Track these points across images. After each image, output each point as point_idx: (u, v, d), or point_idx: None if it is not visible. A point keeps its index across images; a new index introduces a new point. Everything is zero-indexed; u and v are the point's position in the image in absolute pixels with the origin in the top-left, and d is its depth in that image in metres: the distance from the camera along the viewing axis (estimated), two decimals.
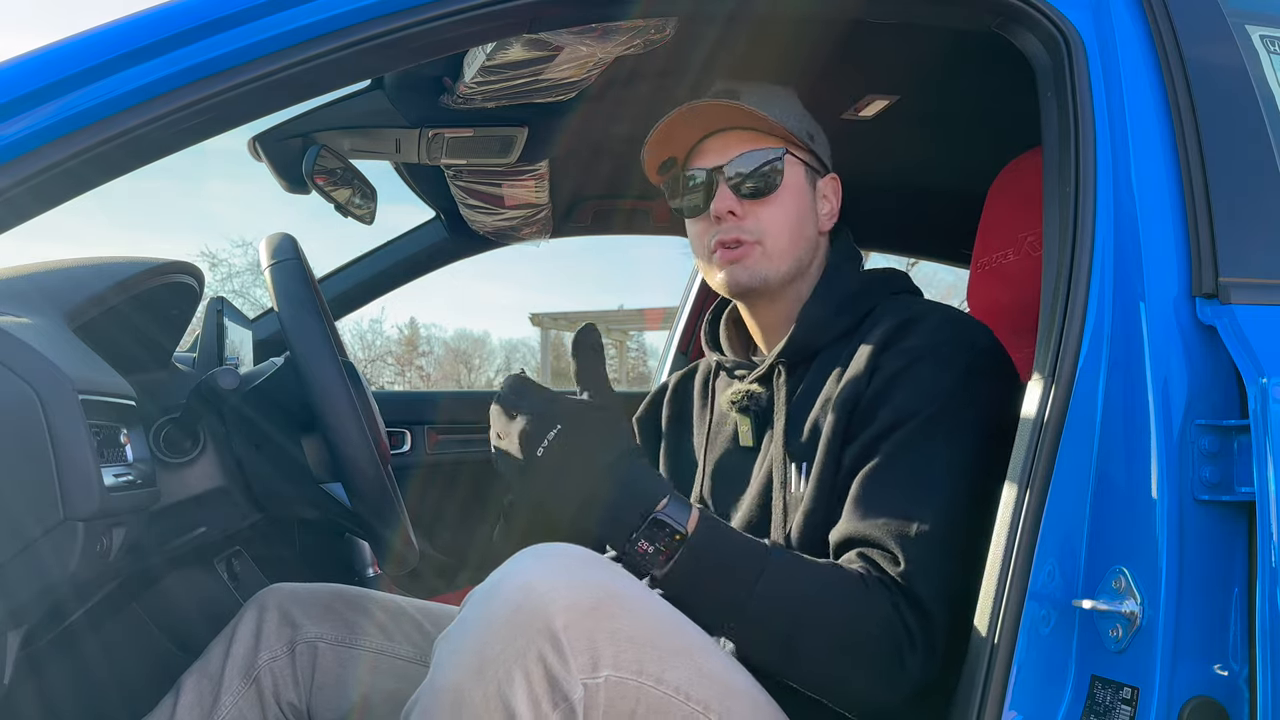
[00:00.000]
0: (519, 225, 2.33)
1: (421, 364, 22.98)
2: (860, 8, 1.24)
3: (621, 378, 19.63)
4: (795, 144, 1.30)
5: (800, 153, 1.31)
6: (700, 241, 1.32)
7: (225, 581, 1.53)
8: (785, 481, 1.23)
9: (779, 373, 1.30)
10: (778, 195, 1.28)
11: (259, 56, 0.97)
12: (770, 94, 1.32)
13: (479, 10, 1.03)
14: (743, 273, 1.28)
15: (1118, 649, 0.97)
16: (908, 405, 1.15)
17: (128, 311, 1.21)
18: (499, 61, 1.47)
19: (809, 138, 1.33)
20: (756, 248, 1.28)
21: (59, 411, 0.91)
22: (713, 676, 1.03)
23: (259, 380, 1.31)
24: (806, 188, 1.32)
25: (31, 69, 0.94)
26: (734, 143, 1.29)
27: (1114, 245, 1.07)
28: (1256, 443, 0.95)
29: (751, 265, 1.28)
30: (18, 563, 0.90)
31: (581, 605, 0.95)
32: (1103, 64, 1.13)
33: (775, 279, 1.29)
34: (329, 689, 1.31)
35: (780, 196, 1.29)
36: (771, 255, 1.28)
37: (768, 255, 1.28)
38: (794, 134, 1.29)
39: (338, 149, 1.81)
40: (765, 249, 1.28)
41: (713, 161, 1.30)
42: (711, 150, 1.31)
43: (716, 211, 1.27)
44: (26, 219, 0.94)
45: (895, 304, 1.27)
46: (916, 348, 1.18)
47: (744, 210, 1.28)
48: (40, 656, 1.29)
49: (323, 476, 1.32)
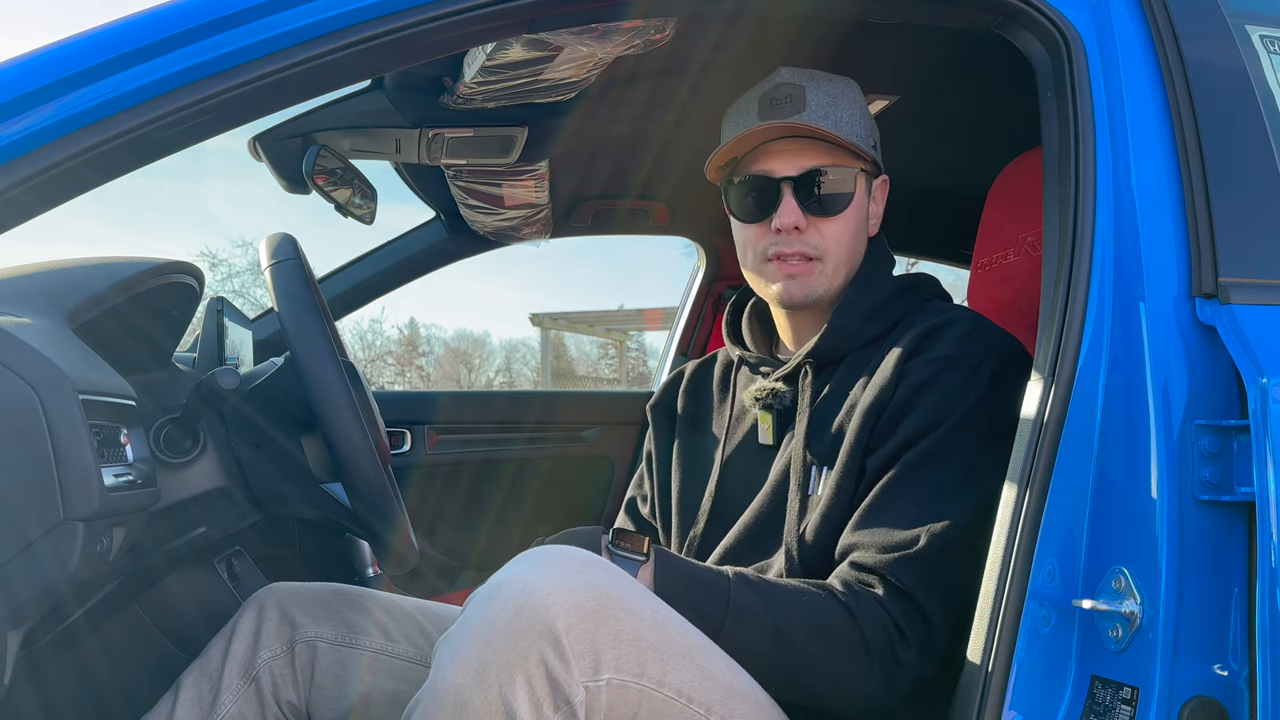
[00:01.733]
0: (519, 225, 2.33)
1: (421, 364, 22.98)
2: (860, 8, 1.24)
3: (621, 378, 19.63)
4: (863, 156, 1.29)
5: (865, 164, 1.30)
6: (754, 247, 1.30)
7: (225, 581, 1.53)
8: (804, 483, 1.23)
9: (805, 373, 1.29)
10: (846, 212, 1.27)
11: (259, 56, 0.97)
12: (838, 95, 1.29)
13: (479, 10, 1.03)
14: (800, 289, 1.28)
15: (1118, 649, 0.97)
16: (933, 414, 1.15)
17: (128, 311, 1.20)
18: (499, 61, 1.47)
19: (873, 146, 1.31)
20: (818, 264, 1.27)
21: (59, 411, 0.90)
22: (715, 678, 1.03)
23: (259, 380, 1.31)
24: (865, 197, 1.31)
25: (31, 69, 0.94)
26: (806, 153, 1.27)
27: (1114, 245, 1.07)
28: (1256, 443, 0.95)
29: (811, 282, 1.28)
30: (18, 563, 0.90)
31: (583, 608, 0.95)
32: (1103, 64, 1.13)
33: (829, 295, 1.29)
34: (328, 688, 1.31)
35: (848, 213, 1.28)
36: (829, 272, 1.28)
37: (826, 272, 1.28)
38: (861, 146, 1.28)
39: (338, 149, 1.81)
40: (825, 266, 1.28)
41: (780, 170, 1.27)
42: (777, 156, 1.27)
43: (782, 225, 1.26)
44: (27, 219, 0.94)
45: (925, 310, 1.26)
46: (944, 356, 1.18)
47: (808, 224, 1.26)
48: (40, 656, 1.29)
49: (323, 476, 1.32)
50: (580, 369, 22.55)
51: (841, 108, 1.28)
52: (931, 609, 1.08)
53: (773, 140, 1.27)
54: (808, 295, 1.28)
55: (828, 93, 1.28)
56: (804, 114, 1.26)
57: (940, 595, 1.09)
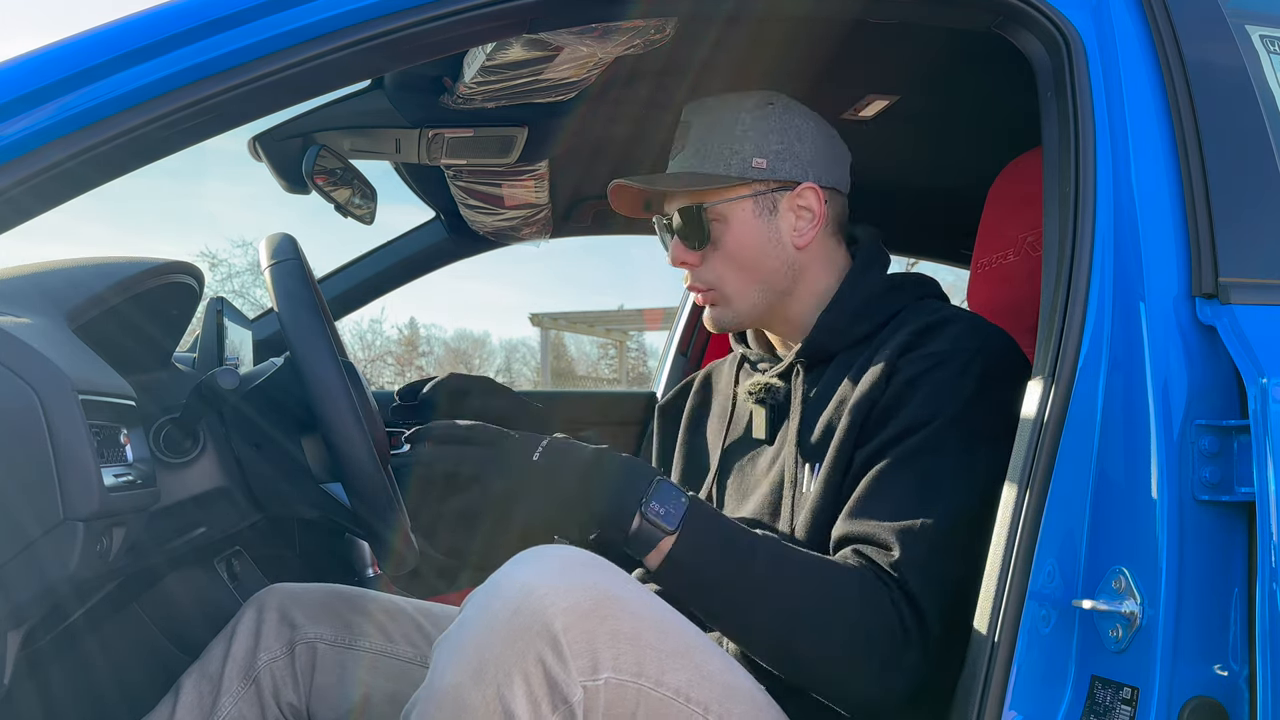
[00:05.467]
0: (519, 225, 2.33)
1: (421, 364, 22.97)
2: (860, 8, 1.24)
3: (621, 378, 19.62)
4: (735, 183, 1.28)
5: (740, 190, 1.28)
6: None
7: (225, 581, 1.52)
8: (796, 480, 1.23)
9: (797, 371, 1.30)
10: (720, 243, 1.29)
11: (259, 56, 0.97)
12: (716, 123, 1.30)
13: (479, 10, 1.03)
14: (713, 318, 1.34)
15: (1118, 649, 0.97)
16: (924, 410, 1.15)
17: (128, 311, 1.20)
18: (499, 61, 1.47)
19: (757, 164, 1.28)
20: (716, 294, 1.32)
21: (59, 411, 0.90)
22: (712, 677, 1.03)
23: (259, 380, 1.31)
24: (757, 220, 1.29)
25: (31, 69, 0.94)
26: (674, 197, 1.32)
27: (1114, 245, 1.07)
28: (1256, 443, 0.95)
29: (718, 312, 1.33)
30: (18, 563, 0.90)
31: (581, 607, 0.95)
32: (1103, 64, 1.13)
33: (749, 316, 1.32)
34: (328, 689, 1.31)
35: (723, 243, 1.29)
36: (731, 299, 1.31)
37: (727, 300, 1.32)
38: (733, 172, 1.27)
39: (338, 149, 1.81)
40: (723, 294, 1.31)
41: (665, 211, 1.33)
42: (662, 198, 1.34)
43: (672, 264, 1.32)
44: (27, 219, 0.94)
45: (920, 309, 1.26)
46: (937, 353, 1.18)
47: (698, 258, 1.31)
48: (40, 656, 1.29)
49: (323, 476, 1.32)
50: (580, 369, 22.55)
51: (716, 136, 1.29)
52: (926, 604, 1.07)
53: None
54: (726, 321, 1.33)
55: (706, 124, 1.31)
56: (680, 154, 1.31)
57: (933, 587, 1.08)
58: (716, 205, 1.28)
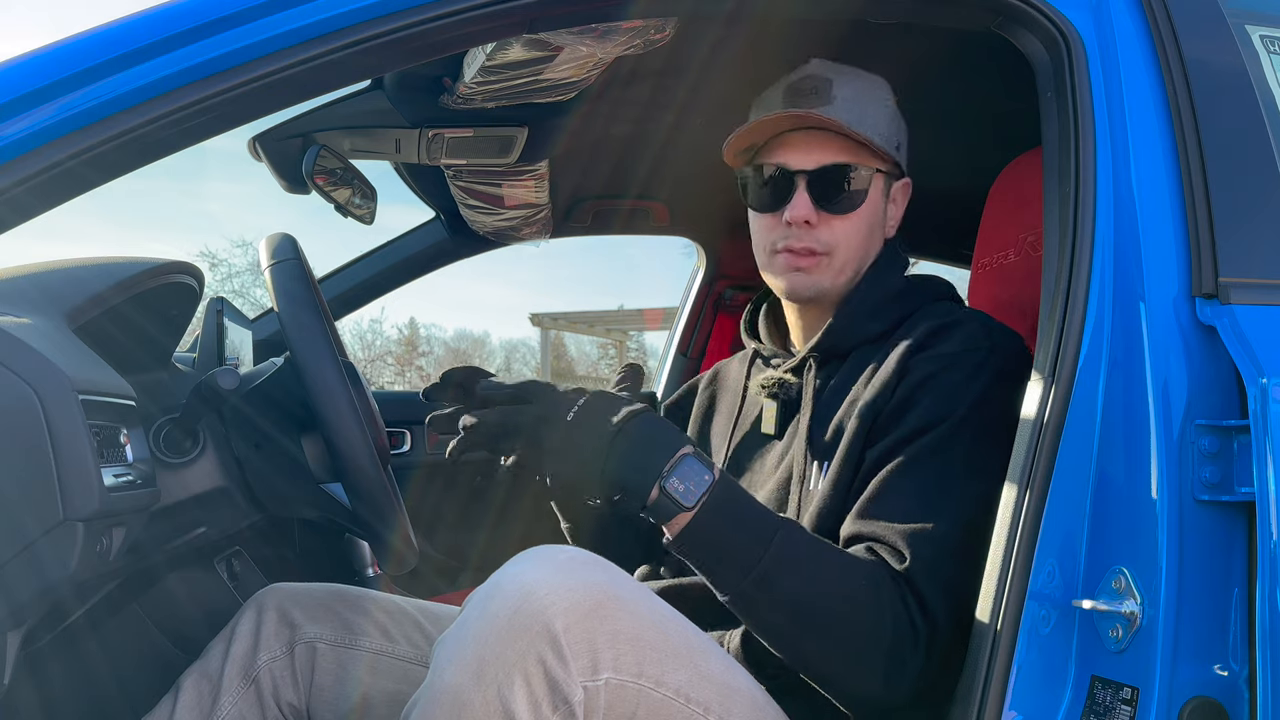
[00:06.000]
0: (519, 225, 2.33)
1: (421, 364, 22.97)
2: (860, 8, 1.24)
3: None
4: (882, 157, 1.28)
5: (885, 165, 1.29)
6: (765, 237, 1.30)
7: (225, 581, 1.52)
8: (804, 477, 1.23)
9: (810, 367, 1.30)
10: (859, 211, 1.27)
11: (259, 56, 0.97)
12: (865, 91, 1.29)
13: (479, 10, 1.03)
14: (805, 283, 1.28)
15: (1118, 649, 0.97)
16: (934, 411, 1.14)
17: (128, 311, 1.20)
18: (499, 61, 1.47)
19: (895, 147, 1.30)
20: (824, 259, 1.27)
21: (59, 411, 0.90)
22: (712, 677, 1.03)
23: (259, 380, 1.31)
24: (882, 199, 1.31)
25: (31, 69, 0.94)
26: (824, 148, 1.25)
27: (1114, 245, 1.07)
28: (1256, 443, 0.95)
29: (816, 277, 1.28)
30: (18, 563, 0.90)
31: (581, 607, 0.95)
32: (1103, 64, 1.13)
33: (835, 291, 1.29)
34: (328, 689, 1.31)
35: (860, 212, 1.27)
36: (837, 268, 1.28)
37: (833, 268, 1.28)
38: (884, 147, 1.27)
39: (338, 149, 1.82)
40: (832, 261, 1.27)
41: (796, 163, 1.26)
42: (795, 148, 1.26)
43: (792, 218, 1.25)
44: (27, 219, 0.94)
45: (934, 310, 1.26)
46: (948, 354, 1.17)
47: (819, 220, 1.26)
48: (40, 656, 1.29)
49: (323, 476, 1.32)
50: (580, 369, 22.56)
51: (867, 105, 1.28)
52: (936, 606, 1.07)
53: (792, 130, 1.27)
54: (812, 289, 1.28)
55: (855, 88, 1.28)
56: (829, 108, 1.25)
57: (943, 590, 1.08)
58: (862, 171, 1.26)
